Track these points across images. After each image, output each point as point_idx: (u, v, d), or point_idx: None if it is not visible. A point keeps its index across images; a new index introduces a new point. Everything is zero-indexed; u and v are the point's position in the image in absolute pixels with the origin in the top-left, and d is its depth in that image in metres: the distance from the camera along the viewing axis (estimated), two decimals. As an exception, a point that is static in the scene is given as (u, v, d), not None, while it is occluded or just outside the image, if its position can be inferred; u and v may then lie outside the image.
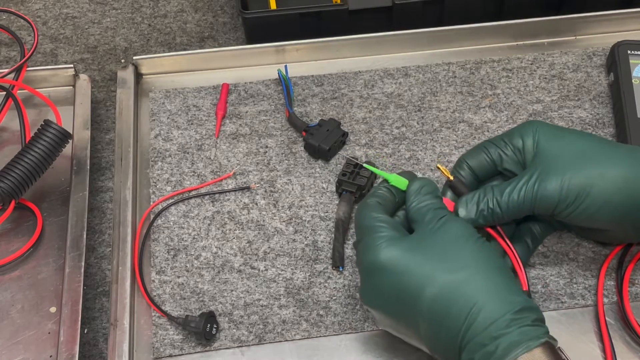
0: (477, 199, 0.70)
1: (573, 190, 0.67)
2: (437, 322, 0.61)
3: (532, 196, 0.68)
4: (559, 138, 0.70)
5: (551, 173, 0.68)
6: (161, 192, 0.84)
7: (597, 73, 0.94)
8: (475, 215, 0.70)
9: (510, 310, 0.59)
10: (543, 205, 0.68)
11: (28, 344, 0.75)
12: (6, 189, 0.78)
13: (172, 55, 0.96)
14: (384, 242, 0.64)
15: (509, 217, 0.69)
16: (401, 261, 0.62)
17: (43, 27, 1.06)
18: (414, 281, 0.62)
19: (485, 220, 0.70)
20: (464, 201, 0.70)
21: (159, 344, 0.74)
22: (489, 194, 0.70)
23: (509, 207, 0.69)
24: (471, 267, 0.61)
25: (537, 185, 0.68)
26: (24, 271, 0.80)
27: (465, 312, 0.59)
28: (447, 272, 0.61)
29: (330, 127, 0.86)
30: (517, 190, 0.68)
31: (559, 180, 0.67)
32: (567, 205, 0.67)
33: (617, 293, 0.75)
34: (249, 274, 0.78)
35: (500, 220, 0.70)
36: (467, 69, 0.94)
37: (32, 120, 0.88)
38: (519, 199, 0.68)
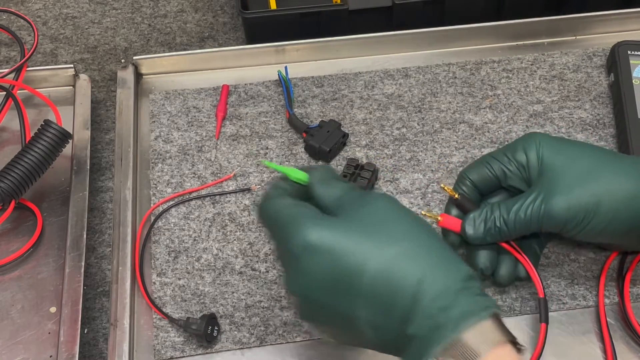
0: (485, 217, 0.70)
1: (581, 210, 0.66)
2: (381, 301, 0.55)
3: (538, 216, 0.68)
4: (563, 152, 0.70)
5: (557, 192, 0.67)
6: (161, 193, 0.84)
7: (598, 73, 0.94)
8: (483, 234, 0.70)
9: (458, 278, 0.55)
10: (550, 224, 0.68)
11: (28, 344, 0.75)
12: (6, 189, 0.78)
13: (172, 55, 0.96)
14: (309, 221, 0.57)
15: (516, 234, 0.70)
16: (334, 239, 0.56)
17: (43, 27, 1.06)
18: (352, 260, 0.55)
19: (492, 238, 0.70)
20: (472, 219, 0.70)
21: (160, 346, 0.74)
22: (496, 212, 0.69)
23: (516, 226, 0.69)
24: (411, 239, 0.57)
25: (544, 205, 0.67)
26: (24, 271, 0.80)
27: (412, 285, 0.54)
28: (386, 246, 0.56)
29: (331, 129, 0.86)
30: (523, 209, 0.68)
31: (565, 200, 0.67)
32: (575, 224, 0.67)
33: (618, 294, 0.75)
34: (250, 275, 0.78)
35: (508, 238, 0.70)
36: (468, 69, 0.94)
37: (32, 120, 0.87)
38: (526, 217, 0.68)
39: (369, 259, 0.55)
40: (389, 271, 0.55)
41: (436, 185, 0.84)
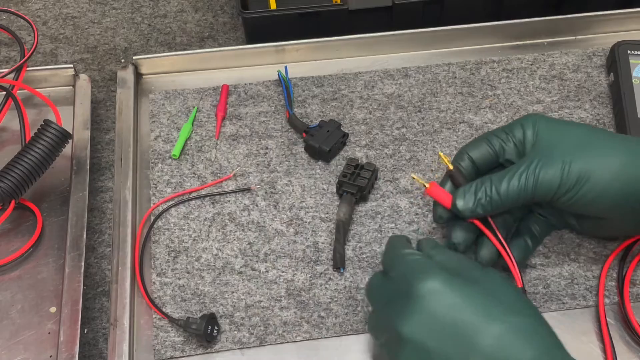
0: (475, 188, 0.70)
1: (573, 175, 0.67)
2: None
3: (532, 181, 0.67)
4: (558, 128, 0.71)
5: (551, 159, 0.68)
6: (161, 193, 0.84)
7: (597, 73, 0.94)
8: (473, 205, 0.69)
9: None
10: (543, 190, 0.68)
11: (28, 344, 0.75)
12: (6, 189, 0.78)
13: (172, 55, 0.96)
14: (438, 269, 0.61)
15: (508, 204, 0.69)
16: (463, 291, 0.60)
17: (43, 27, 1.06)
18: (478, 315, 0.58)
19: (483, 209, 0.69)
20: (462, 191, 0.70)
21: (160, 345, 0.74)
22: (487, 183, 0.69)
23: (508, 194, 0.68)
24: (532, 315, 0.60)
25: (538, 171, 0.67)
26: (24, 271, 0.80)
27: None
28: (511, 313, 0.59)
29: (331, 128, 0.86)
30: (517, 176, 0.68)
31: (559, 165, 0.67)
32: (567, 190, 0.67)
33: (618, 294, 0.75)
34: (249, 275, 0.78)
35: (499, 209, 0.69)
36: (467, 69, 0.94)
37: (32, 120, 0.88)
38: (519, 184, 0.68)
39: (494, 319, 0.58)
40: (510, 338, 0.57)
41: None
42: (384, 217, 0.82)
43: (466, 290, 0.60)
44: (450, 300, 0.59)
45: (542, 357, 0.56)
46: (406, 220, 0.82)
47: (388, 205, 0.83)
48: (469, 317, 0.58)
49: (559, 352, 0.58)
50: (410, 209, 0.82)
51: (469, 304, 0.59)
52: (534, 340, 0.57)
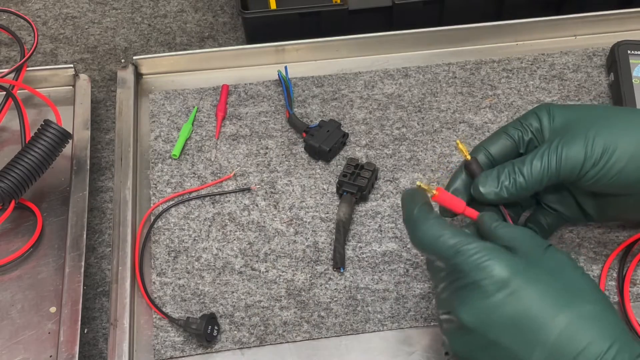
0: (497, 172, 0.67)
1: (598, 147, 0.65)
2: (563, 354, 0.55)
3: (556, 159, 0.65)
4: (575, 109, 0.69)
5: (573, 135, 0.66)
6: (161, 193, 0.84)
7: (597, 73, 0.94)
8: (497, 187, 0.67)
9: (636, 353, 0.55)
10: (569, 166, 0.65)
11: (28, 344, 0.75)
12: (6, 189, 0.78)
13: (172, 55, 0.96)
14: (505, 259, 0.58)
15: (533, 186, 0.67)
16: (525, 279, 0.57)
17: (43, 27, 1.06)
18: (545, 307, 0.56)
19: (508, 192, 0.67)
20: (483, 176, 0.68)
21: (160, 345, 0.74)
22: (509, 166, 0.67)
23: (532, 175, 0.66)
24: (601, 302, 0.57)
25: (561, 148, 0.65)
26: (24, 271, 0.80)
27: (601, 350, 0.54)
28: (579, 302, 0.56)
29: (331, 128, 0.86)
30: (539, 156, 0.66)
31: (582, 140, 0.65)
32: (594, 163, 0.65)
33: (619, 293, 0.75)
34: (249, 275, 0.78)
35: (524, 191, 0.67)
36: (467, 69, 0.94)
37: (32, 120, 0.88)
38: (542, 164, 0.66)
39: (560, 308, 0.56)
40: (577, 328, 0.55)
41: (436, 185, 0.84)
42: (384, 217, 0.82)
43: (531, 276, 0.57)
44: (515, 289, 0.56)
45: (613, 347, 0.54)
46: (406, 220, 0.82)
47: (388, 205, 0.83)
48: (534, 308, 0.56)
49: (628, 341, 0.55)
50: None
51: (534, 292, 0.56)
52: (602, 328, 0.55)
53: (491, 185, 0.67)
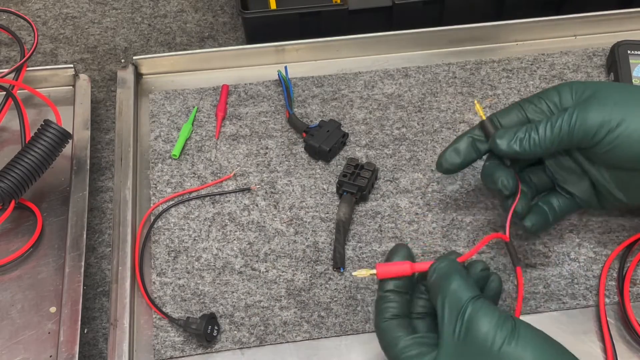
0: (515, 129, 0.69)
1: (616, 115, 0.65)
2: None
3: (572, 122, 0.66)
4: (597, 84, 0.70)
5: (592, 102, 0.67)
6: (161, 193, 0.84)
7: (597, 73, 0.94)
8: (513, 141, 0.68)
9: None
10: (583, 129, 0.66)
11: (28, 344, 0.75)
12: (6, 189, 0.78)
13: (172, 55, 0.96)
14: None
15: (547, 146, 0.68)
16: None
17: (43, 27, 1.06)
18: None
19: (521, 146, 0.68)
20: (501, 130, 0.69)
21: (160, 345, 0.74)
22: (526, 125, 0.69)
23: (546, 135, 0.67)
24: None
25: (577, 112, 0.66)
26: (24, 271, 0.80)
27: None
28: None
29: (331, 128, 0.86)
30: (555, 118, 0.67)
31: (600, 106, 0.66)
32: (610, 129, 0.65)
33: (619, 293, 0.75)
34: (249, 275, 0.78)
35: (538, 150, 0.68)
36: (467, 69, 0.94)
37: (32, 120, 0.88)
38: (557, 124, 0.67)
39: None
40: None
41: (436, 185, 0.84)
42: (384, 217, 0.82)
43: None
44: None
45: None
46: (406, 220, 0.82)
47: (388, 205, 0.83)
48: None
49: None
50: (410, 208, 0.82)
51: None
52: None
53: (507, 137, 0.69)
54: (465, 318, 0.58)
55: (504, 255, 0.78)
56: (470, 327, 0.57)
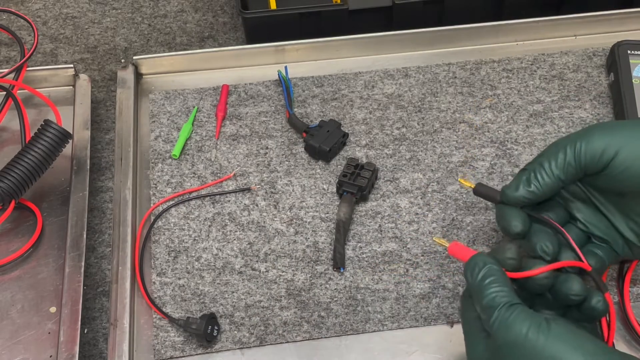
0: (519, 176, 0.68)
1: (620, 136, 0.65)
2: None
3: (575, 147, 0.66)
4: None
5: (593, 130, 0.66)
6: (161, 193, 0.84)
7: (598, 73, 0.94)
8: (522, 187, 0.67)
9: None
10: (589, 153, 0.65)
11: (28, 344, 0.75)
12: (6, 189, 0.78)
13: (172, 55, 0.96)
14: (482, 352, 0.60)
15: (556, 182, 0.67)
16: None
17: (43, 27, 1.06)
18: None
19: (533, 194, 0.67)
20: (508, 184, 0.68)
21: (160, 345, 0.74)
22: (530, 167, 0.68)
23: (553, 171, 0.66)
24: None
25: (581, 139, 0.66)
26: (24, 271, 0.80)
27: None
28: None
29: (331, 128, 0.86)
30: (561, 149, 0.66)
31: (602, 131, 0.65)
32: (618, 150, 0.64)
33: (619, 293, 0.75)
34: (249, 275, 0.78)
35: (550, 189, 0.67)
36: (468, 69, 0.94)
37: (32, 120, 0.88)
38: (561, 154, 0.66)
39: None
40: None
41: (436, 185, 0.84)
42: (384, 217, 0.82)
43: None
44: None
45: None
46: (406, 220, 0.82)
47: (388, 205, 0.83)
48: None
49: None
50: (410, 208, 0.82)
51: None
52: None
53: (515, 184, 0.67)
54: (500, 318, 0.58)
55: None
56: (505, 325, 0.58)
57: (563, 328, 0.57)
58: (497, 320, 0.58)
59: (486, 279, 0.60)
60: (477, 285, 0.60)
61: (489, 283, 0.60)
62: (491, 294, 0.59)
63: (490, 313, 0.58)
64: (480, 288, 0.60)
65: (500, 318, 0.58)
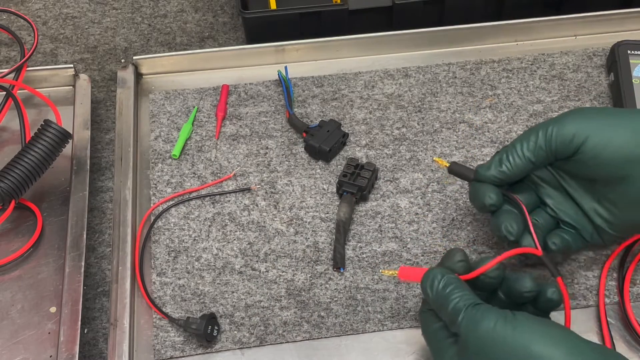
0: (494, 157, 0.71)
1: (592, 122, 0.67)
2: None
3: (547, 131, 0.68)
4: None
5: (567, 115, 0.69)
6: (161, 193, 0.84)
7: (598, 73, 0.94)
8: (494, 165, 0.70)
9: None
10: (560, 137, 0.67)
11: (28, 344, 0.75)
12: (6, 189, 0.78)
13: (172, 55, 0.96)
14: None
15: (526, 159, 0.69)
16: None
17: (43, 27, 1.06)
18: None
19: (503, 173, 0.70)
20: (483, 164, 0.72)
21: (160, 345, 0.74)
22: (504, 149, 0.71)
23: (523, 149, 0.69)
24: None
25: (553, 123, 0.68)
26: (24, 271, 0.80)
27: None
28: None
29: (331, 128, 0.86)
30: (534, 132, 0.69)
31: (575, 116, 0.68)
32: (588, 136, 0.66)
33: (619, 293, 0.75)
34: (249, 275, 0.78)
35: (519, 166, 0.70)
36: (468, 69, 0.94)
37: (32, 120, 0.88)
38: (532, 137, 0.69)
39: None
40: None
41: (436, 185, 0.84)
42: (384, 217, 0.82)
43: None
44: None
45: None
46: (406, 220, 0.82)
47: (388, 205, 0.83)
48: None
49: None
50: (410, 208, 0.82)
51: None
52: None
53: (488, 164, 0.71)
54: (465, 323, 0.60)
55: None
56: (473, 322, 0.59)
57: (528, 317, 0.59)
58: (464, 319, 0.60)
59: (447, 288, 0.63)
60: (440, 295, 0.63)
61: (450, 291, 0.62)
62: (455, 299, 0.61)
63: (457, 315, 0.60)
64: (444, 297, 0.62)
65: (467, 317, 0.60)
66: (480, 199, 0.71)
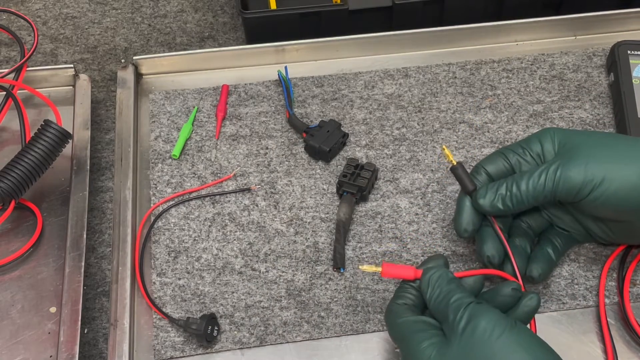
0: (496, 185, 0.70)
1: (598, 171, 0.66)
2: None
3: (554, 178, 0.67)
4: (578, 134, 0.71)
5: (574, 158, 0.68)
6: (161, 194, 0.84)
7: (597, 73, 0.94)
8: (494, 200, 0.70)
9: None
10: (566, 187, 0.67)
11: (28, 344, 0.75)
12: (6, 189, 0.78)
13: (172, 55, 0.96)
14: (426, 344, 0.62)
15: (529, 201, 0.69)
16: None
17: (43, 27, 1.06)
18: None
19: (504, 204, 0.70)
20: (484, 188, 0.71)
21: (160, 345, 0.74)
22: (509, 180, 0.70)
23: (529, 191, 0.68)
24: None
25: (560, 169, 0.67)
26: (24, 271, 0.80)
27: None
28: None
29: (331, 128, 0.86)
30: (537, 173, 0.68)
31: (582, 163, 0.67)
32: (593, 187, 0.66)
33: (618, 294, 0.75)
34: (249, 275, 0.78)
35: (520, 205, 0.70)
36: (467, 69, 0.94)
37: (32, 120, 0.88)
38: (540, 181, 0.68)
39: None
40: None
41: (436, 185, 0.84)
42: (384, 217, 0.82)
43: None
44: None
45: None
46: (406, 220, 0.82)
47: (388, 205, 0.83)
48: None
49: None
50: (410, 209, 0.82)
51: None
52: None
53: (489, 197, 0.70)
54: (467, 315, 0.61)
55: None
56: (472, 322, 0.60)
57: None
58: (467, 313, 0.61)
59: (450, 285, 0.64)
60: (442, 291, 0.64)
61: (453, 288, 0.64)
62: (458, 295, 0.63)
63: (458, 310, 0.61)
64: (445, 292, 0.63)
65: (471, 310, 0.61)
66: (462, 224, 0.72)
